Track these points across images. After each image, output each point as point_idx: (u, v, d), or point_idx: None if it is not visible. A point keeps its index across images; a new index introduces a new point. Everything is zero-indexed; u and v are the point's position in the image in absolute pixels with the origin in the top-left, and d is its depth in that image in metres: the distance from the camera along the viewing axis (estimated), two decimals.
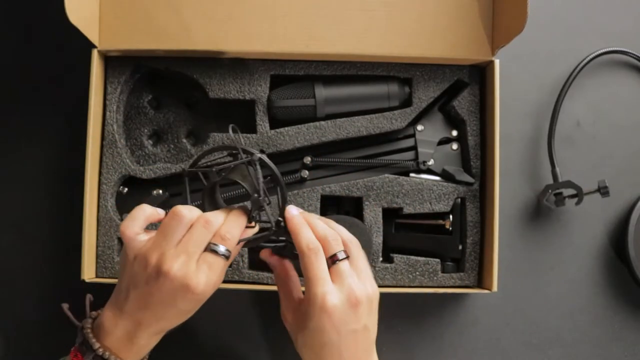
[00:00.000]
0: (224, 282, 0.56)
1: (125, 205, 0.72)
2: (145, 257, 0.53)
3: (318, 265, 0.55)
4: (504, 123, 0.69)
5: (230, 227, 0.54)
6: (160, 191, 0.72)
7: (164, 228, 0.54)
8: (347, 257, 0.56)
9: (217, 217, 0.55)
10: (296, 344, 0.58)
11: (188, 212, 0.54)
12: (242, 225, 0.56)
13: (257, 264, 0.67)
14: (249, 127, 0.72)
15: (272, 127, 0.72)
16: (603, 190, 0.72)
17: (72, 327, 0.58)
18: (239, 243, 0.55)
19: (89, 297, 0.60)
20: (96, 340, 0.54)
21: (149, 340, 0.55)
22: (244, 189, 0.55)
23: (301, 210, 0.59)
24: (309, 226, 0.57)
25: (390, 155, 0.73)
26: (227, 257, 0.54)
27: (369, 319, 0.56)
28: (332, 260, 0.55)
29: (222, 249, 0.53)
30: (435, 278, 0.71)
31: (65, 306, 0.59)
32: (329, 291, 0.54)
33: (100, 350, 0.54)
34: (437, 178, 0.73)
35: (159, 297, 0.53)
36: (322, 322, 0.53)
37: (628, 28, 0.80)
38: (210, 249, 0.53)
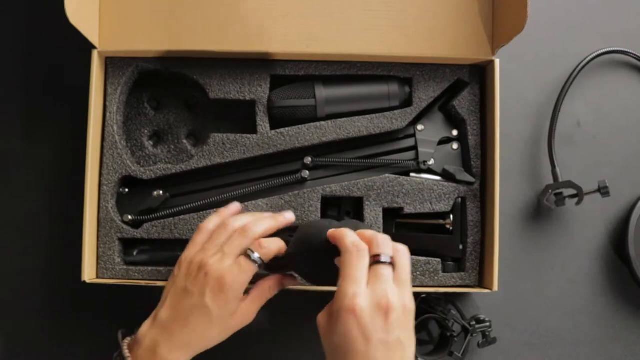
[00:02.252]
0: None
1: (125, 206, 0.72)
2: (192, 259, 0.59)
3: (357, 265, 0.53)
4: (504, 123, 0.69)
5: (270, 242, 0.60)
6: (161, 192, 0.72)
7: (212, 236, 0.61)
8: (391, 264, 0.54)
9: (255, 226, 0.60)
10: (326, 353, 0.54)
11: (233, 221, 0.61)
12: (280, 246, 0.60)
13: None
14: (249, 127, 0.72)
15: (272, 127, 0.72)
16: (603, 190, 0.72)
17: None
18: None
19: (120, 331, 0.62)
20: (129, 351, 0.58)
21: (173, 355, 0.56)
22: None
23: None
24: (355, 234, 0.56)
25: (390, 155, 0.73)
26: (257, 264, 0.58)
27: (404, 333, 0.51)
28: (373, 259, 0.53)
29: (255, 255, 0.58)
30: (436, 278, 0.71)
31: (120, 332, 0.62)
32: (360, 292, 0.51)
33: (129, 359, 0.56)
34: (438, 178, 0.73)
35: (192, 293, 0.57)
36: (349, 324, 0.50)
37: (628, 28, 0.80)
38: (246, 253, 0.58)
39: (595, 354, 0.77)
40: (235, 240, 0.59)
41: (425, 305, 0.73)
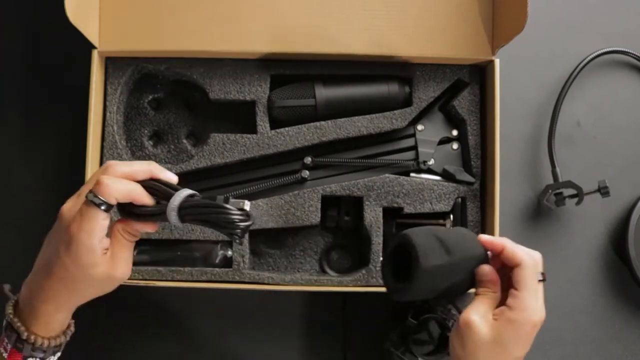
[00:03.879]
0: (225, 282, 0.56)
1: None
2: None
3: (537, 279, 0.54)
4: (504, 123, 0.69)
5: (115, 181, 0.50)
6: None
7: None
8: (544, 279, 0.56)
9: (119, 165, 0.51)
10: (465, 350, 0.54)
11: (116, 163, 0.52)
12: (128, 187, 0.50)
13: None
14: (249, 127, 0.72)
15: (272, 127, 0.72)
16: (603, 190, 0.72)
17: None
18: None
19: (6, 286, 0.58)
20: (12, 311, 0.54)
21: (45, 307, 0.53)
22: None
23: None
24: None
25: (390, 155, 0.73)
26: (102, 208, 0.49)
27: None
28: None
29: (91, 196, 0.49)
30: None
31: (6, 287, 0.58)
32: (543, 308, 0.54)
33: (10, 316, 0.53)
34: (438, 178, 0.73)
35: (50, 243, 0.53)
36: (529, 335, 0.54)
37: (628, 28, 0.80)
38: (85, 196, 0.50)
39: (595, 354, 0.77)
40: (92, 179, 0.51)
41: (425, 305, 0.73)
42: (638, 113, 0.80)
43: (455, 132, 0.74)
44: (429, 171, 0.73)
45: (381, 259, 0.69)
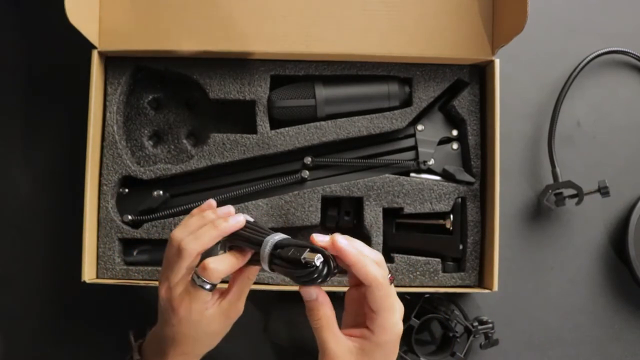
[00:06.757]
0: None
1: (125, 206, 0.72)
2: (160, 281, 0.57)
3: (394, 294, 0.53)
4: (504, 123, 0.69)
5: (217, 262, 0.54)
6: (161, 192, 0.72)
7: (165, 254, 0.56)
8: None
9: (192, 244, 0.54)
10: None
11: (179, 233, 0.56)
12: (231, 263, 0.54)
13: None
14: (249, 127, 0.72)
15: (272, 127, 0.72)
16: (603, 190, 0.72)
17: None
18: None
19: (131, 332, 0.62)
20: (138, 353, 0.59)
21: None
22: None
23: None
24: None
25: (390, 155, 0.73)
26: (205, 288, 0.54)
27: None
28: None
29: (200, 281, 0.54)
30: (435, 278, 0.71)
31: (131, 333, 0.62)
32: (400, 319, 0.54)
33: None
34: (438, 178, 0.73)
35: (165, 322, 0.56)
36: (394, 350, 0.53)
37: (628, 28, 0.80)
38: (192, 279, 0.54)
39: (595, 354, 0.77)
40: (174, 268, 0.55)
41: (428, 305, 0.73)
42: (638, 113, 0.80)
43: (455, 132, 0.74)
44: (429, 171, 0.73)
45: None
